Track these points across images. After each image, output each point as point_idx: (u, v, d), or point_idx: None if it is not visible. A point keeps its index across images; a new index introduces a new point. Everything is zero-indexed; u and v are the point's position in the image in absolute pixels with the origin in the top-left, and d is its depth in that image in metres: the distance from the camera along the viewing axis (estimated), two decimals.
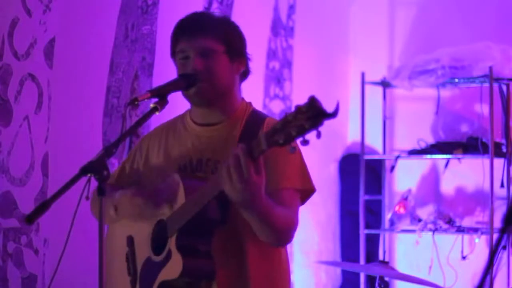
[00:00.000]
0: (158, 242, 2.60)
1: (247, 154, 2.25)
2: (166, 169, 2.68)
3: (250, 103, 2.74)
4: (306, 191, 2.65)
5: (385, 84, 5.51)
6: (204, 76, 2.59)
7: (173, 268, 2.51)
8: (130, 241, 2.72)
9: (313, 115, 2.11)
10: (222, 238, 2.55)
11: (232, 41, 2.64)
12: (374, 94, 5.56)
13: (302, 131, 2.10)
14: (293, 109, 2.14)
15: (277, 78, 5.23)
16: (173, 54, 2.68)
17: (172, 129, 2.77)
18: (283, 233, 2.52)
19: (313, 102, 2.13)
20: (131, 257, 2.72)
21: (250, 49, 2.75)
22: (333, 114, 2.13)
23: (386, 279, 4.00)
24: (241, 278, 2.60)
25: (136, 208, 2.63)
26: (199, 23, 2.64)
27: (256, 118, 2.67)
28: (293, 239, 2.59)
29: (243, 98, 2.73)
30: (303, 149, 2.47)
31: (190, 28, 2.63)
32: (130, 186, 2.73)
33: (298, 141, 2.13)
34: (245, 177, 2.26)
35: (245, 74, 2.72)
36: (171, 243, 2.53)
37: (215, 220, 2.50)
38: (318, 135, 2.12)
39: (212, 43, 2.60)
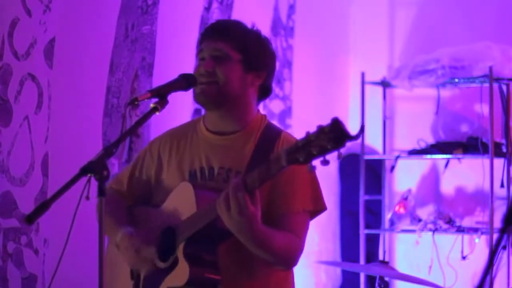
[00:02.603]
0: (164, 249, 2.61)
1: (244, 187, 2.33)
2: (178, 175, 2.68)
3: (265, 116, 2.74)
4: (318, 211, 2.68)
5: (385, 84, 5.51)
6: (212, 78, 2.60)
7: (180, 276, 2.52)
8: None
9: (335, 136, 2.15)
10: (230, 249, 2.56)
11: (251, 53, 2.64)
12: (374, 94, 5.56)
13: (324, 151, 2.17)
14: (315, 128, 2.20)
15: (277, 78, 5.23)
16: (196, 55, 2.70)
17: (184, 134, 2.76)
18: (284, 259, 2.59)
19: (336, 123, 2.15)
20: None
21: None
22: (356, 137, 2.18)
23: (386, 279, 4.00)
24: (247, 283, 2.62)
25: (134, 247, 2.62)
26: (223, 28, 2.66)
27: (271, 131, 2.68)
28: (298, 262, 2.65)
29: (258, 111, 2.73)
30: None
31: (213, 31, 2.66)
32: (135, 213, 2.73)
33: (318, 160, 2.19)
34: (242, 209, 2.33)
35: (265, 89, 2.71)
36: (179, 251, 2.54)
37: (224, 231, 2.49)
38: (339, 157, 2.19)
39: (228, 49, 2.61)
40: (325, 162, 2.19)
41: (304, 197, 2.61)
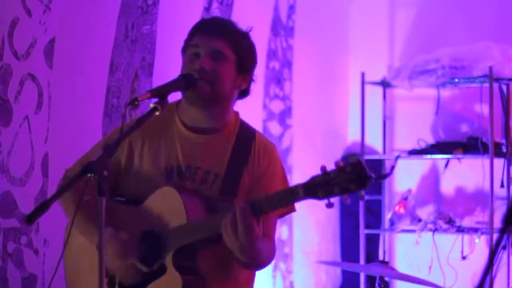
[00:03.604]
0: (146, 252, 2.58)
1: (252, 212, 2.37)
2: (153, 169, 2.66)
3: (238, 113, 2.75)
4: (288, 213, 2.75)
5: (385, 84, 5.51)
6: (207, 76, 2.60)
7: (171, 285, 2.52)
8: None
9: (358, 177, 2.19)
10: (211, 255, 2.58)
11: (244, 55, 2.66)
12: (374, 94, 5.56)
13: (346, 191, 2.21)
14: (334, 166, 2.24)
15: (277, 78, 5.23)
16: (185, 48, 2.69)
17: (158, 126, 2.71)
18: (265, 265, 2.66)
19: (358, 164, 2.20)
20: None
21: None
22: (379, 178, 2.23)
23: (386, 279, 4.00)
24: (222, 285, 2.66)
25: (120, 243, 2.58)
26: (221, 25, 2.67)
27: (246, 132, 2.71)
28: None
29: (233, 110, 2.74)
30: (303, 149, 2.50)
31: (211, 26, 2.66)
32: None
33: (323, 202, 2.25)
34: (249, 234, 2.38)
35: (244, 92, 2.74)
36: (166, 259, 2.54)
37: (211, 240, 2.53)
38: (360, 197, 2.22)
39: (226, 49, 2.62)
40: (330, 205, 2.25)
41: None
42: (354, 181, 2.19)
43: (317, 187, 2.25)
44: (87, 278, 2.68)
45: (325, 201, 2.25)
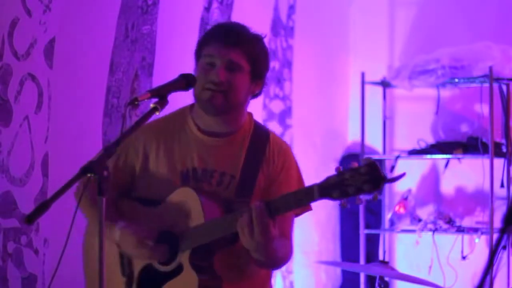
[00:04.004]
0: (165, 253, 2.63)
1: (268, 212, 2.40)
2: (168, 172, 2.68)
3: (251, 114, 2.77)
4: (304, 212, 2.76)
5: (385, 84, 5.51)
6: (223, 87, 2.61)
7: (187, 284, 2.56)
8: None
9: (372, 179, 2.22)
10: (227, 256, 2.61)
11: (258, 63, 2.67)
12: (374, 94, 5.56)
13: (360, 192, 2.25)
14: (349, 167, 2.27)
15: (277, 78, 5.23)
16: (199, 55, 2.68)
17: (172, 130, 2.75)
18: (281, 264, 2.69)
19: (372, 166, 2.23)
20: (126, 258, 2.71)
21: None
22: (393, 180, 2.29)
23: (386, 279, 4.00)
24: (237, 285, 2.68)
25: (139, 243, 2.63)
26: (236, 34, 2.64)
27: (260, 133, 2.73)
28: None
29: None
30: (303, 149, 2.52)
31: (226, 36, 2.63)
32: (132, 208, 2.73)
33: (337, 203, 2.30)
34: (265, 234, 2.40)
35: (256, 94, 2.76)
36: (183, 258, 2.57)
37: (228, 240, 2.57)
38: (374, 198, 2.29)
39: (241, 60, 2.62)
40: (344, 206, 2.30)
41: None
42: (369, 182, 2.22)
43: (331, 188, 2.28)
44: (109, 281, 2.70)
45: (339, 201, 2.29)
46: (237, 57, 2.61)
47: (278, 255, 2.56)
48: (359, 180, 2.23)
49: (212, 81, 2.61)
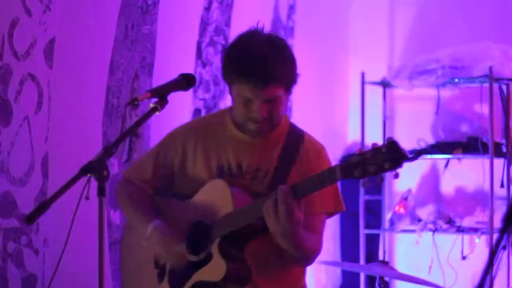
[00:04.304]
0: (194, 242, 2.67)
1: (292, 194, 2.43)
2: (205, 169, 2.73)
3: (287, 116, 2.81)
4: (336, 212, 2.81)
5: (385, 84, 5.51)
6: (267, 119, 2.64)
7: (215, 271, 2.59)
8: None
9: (393, 156, 2.24)
10: (258, 248, 2.64)
11: (291, 79, 2.69)
12: (374, 94, 5.56)
13: (381, 170, 2.26)
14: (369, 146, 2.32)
15: None
16: (229, 82, 2.67)
17: (210, 129, 2.79)
18: (309, 258, 2.68)
19: (393, 144, 2.26)
20: None
21: None
22: (413, 159, 2.31)
23: (386, 279, 4.00)
24: (273, 283, 2.71)
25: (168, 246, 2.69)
26: (266, 73, 2.58)
27: (295, 133, 2.77)
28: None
29: None
30: None
31: (257, 77, 2.58)
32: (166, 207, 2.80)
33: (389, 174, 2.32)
34: (290, 216, 2.42)
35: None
36: (213, 247, 2.61)
37: (258, 229, 2.58)
38: (396, 176, 2.29)
39: (278, 90, 2.62)
40: (365, 184, 2.33)
41: (326, 199, 2.72)
42: (389, 160, 2.24)
43: (353, 167, 2.31)
44: (143, 273, 2.80)
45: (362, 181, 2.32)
46: (273, 92, 2.60)
47: (305, 245, 2.57)
48: (380, 159, 2.25)
49: (254, 118, 2.63)
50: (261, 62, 2.57)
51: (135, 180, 2.85)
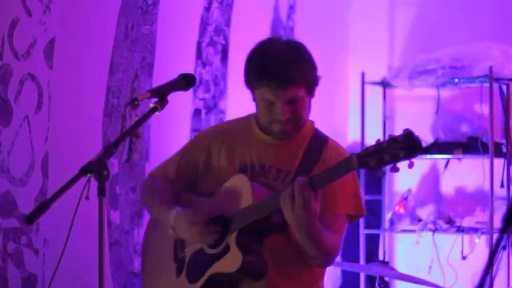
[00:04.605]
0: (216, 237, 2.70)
1: (310, 185, 2.47)
2: (228, 168, 2.77)
3: (313, 122, 2.84)
4: (357, 216, 2.82)
5: (385, 84, 5.51)
6: (291, 119, 2.68)
7: (231, 263, 2.62)
8: None
9: (408, 146, 2.28)
10: (276, 244, 2.66)
11: (311, 81, 2.71)
12: (374, 94, 5.56)
13: (396, 159, 2.30)
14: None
15: None
16: (252, 88, 2.72)
17: (236, 131, 2.84)
18: (328, 256, 2.69)
19: (409, 134, 2.29)
20: (180, 245, 2.81)
21: (250, 49, 2.75)
22: (429, 149, 2.32)
23: (386, 279, 4.00)
24: (290, 282, 2.72)
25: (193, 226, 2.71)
26: (285, 74, 2.64)
27: (319, 138, 2.80)
28: (334, 262, 2.76)
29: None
30: None
31: (277, 78, 2.64)
32: (188, 197, 2.85)
33: (388, 167, 2.35)
34: (306, 205, 2.46)
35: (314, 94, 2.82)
36: (231, 239, 2.64)
37: (276, 224, 2.61)
38: (411, 165, 2.32)
39: (298, 91, 2.66)
40: (395, 169, 2.34)
41: (348, 201, 2.74)
42: (405, 149, 2.28)
43: (369, 156, 2.35)
44: (163, 267, 2.84)
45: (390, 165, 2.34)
46: (294, 92, 2.65)
47: (323, 241, 2.59)
48: (396, 148, 2.29)
49: (278, 119, 2.68)
50: (279, 64, 2.64)
51: (159, 177, 2.91)
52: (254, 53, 2.71)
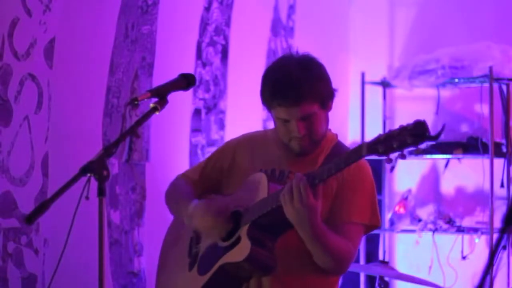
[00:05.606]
0: (229, 231, 2.72)
1: (307, 179, 2.49)
2: (249, 171, 2.80)
3: (336, 135, 2.87)
4: (372, 226, 2.84)
5: (385, 84, 5.51)
6: (307, 135, 2.70)
7: (240, 252, 2.63)
8: None
9: (417, 133, 2.34)
10: (288, 244, 2.66)
11: (324, 95, 2.72)
12: (374, 94, 5.57)
13: (404, 145, 2.35)
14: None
15: None
16: (268, 108, 2.76)
17: (261, 140, 2.90)
18: (339, 262, 2.69)
19: (419, 123, 2.36)
20: (195, 241, 2.85)
21: (250, 49, 2.76)
22: (436, 137, 2.37)
23: (386, 279, 4.00)
24: (297, 281, 2.73)
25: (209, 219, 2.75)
26: (297, 92, 2.66)
27: (339, 149, 2.81)
28: (347, 270, 2.76)
29: (330, 130, 2.85)
30: None
31: (289, 98, 2.66)
32: (206, 193, 2.91)
33: (396, 154, 2.39)
34: (303, 199, 2.47)
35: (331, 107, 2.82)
36: (242, 231, 2.66)
37: (288, 224, 2.60)
38: (417, 152, 2.35)
39: (311, 107, 2.67)
40: (389, 161, 2.38)
41: (363, 210, 2.78)
42: (413, 135, 2.34)
43: (378, 143, 2.40)
44: (177, 263, 2.90)
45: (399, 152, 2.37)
46: (307, 109, 2.66)
47: (330, 244, 2.59)
48: (404, 134, 2.35)
49: (294, 136, 2.70)
50: (290, 84, 2.66)
51: (184, 178, 2.97)
52: (267, 74, 2.75)
